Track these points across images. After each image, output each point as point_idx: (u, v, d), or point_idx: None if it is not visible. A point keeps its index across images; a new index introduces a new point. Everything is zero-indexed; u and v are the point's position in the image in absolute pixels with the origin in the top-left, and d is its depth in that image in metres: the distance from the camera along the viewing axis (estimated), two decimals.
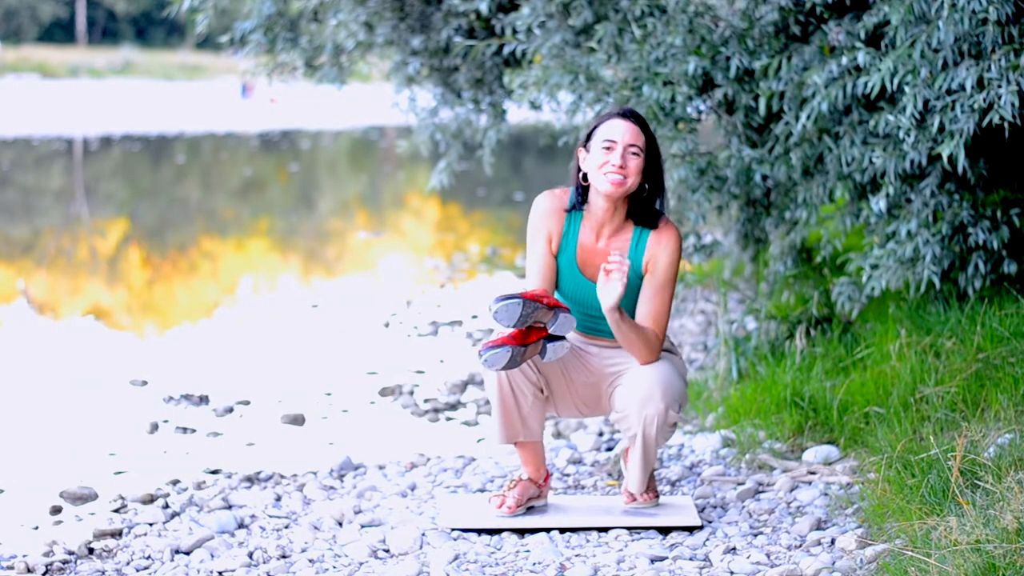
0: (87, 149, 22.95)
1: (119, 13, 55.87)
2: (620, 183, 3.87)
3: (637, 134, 3.89)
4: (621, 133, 3.88)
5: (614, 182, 3.86)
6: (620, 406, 3.95)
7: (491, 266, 10.55)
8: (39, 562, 3.83)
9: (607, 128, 3.90)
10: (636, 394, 3.89)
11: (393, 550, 3.86)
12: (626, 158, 3.87)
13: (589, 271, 3.98)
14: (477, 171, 9.91)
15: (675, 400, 3.90)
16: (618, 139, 3.87)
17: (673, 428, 3.95)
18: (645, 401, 3.87)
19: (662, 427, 3.90)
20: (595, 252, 3.98)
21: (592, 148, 3.92)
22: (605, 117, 3.95)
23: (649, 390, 3.87)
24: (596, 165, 3.89)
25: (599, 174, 3.89)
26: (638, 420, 3.89)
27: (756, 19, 5.11)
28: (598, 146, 3.90)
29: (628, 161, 3.87)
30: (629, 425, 3.92)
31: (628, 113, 3.92)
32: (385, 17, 6.97)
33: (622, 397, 3.94)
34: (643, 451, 3.94)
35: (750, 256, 6.25)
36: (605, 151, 3.88)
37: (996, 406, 4.13)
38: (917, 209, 4.83)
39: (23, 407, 5.97)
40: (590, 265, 3.98)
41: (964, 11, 4.31)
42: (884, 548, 3.52)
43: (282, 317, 8.33)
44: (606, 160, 3.87)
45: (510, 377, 3.92)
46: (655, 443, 3.93)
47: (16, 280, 9.87)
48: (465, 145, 7.28)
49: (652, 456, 3.97)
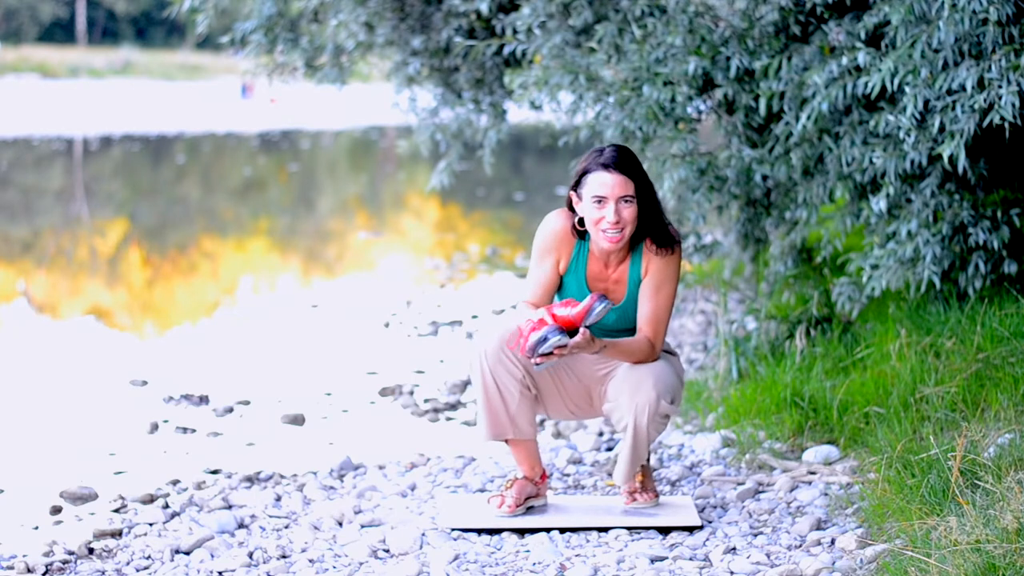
0: (87, 149, 22.95)
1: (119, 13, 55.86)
2: (618, 239, 3.89)
3: (625, 184, 3.86)
4: (610, 188, 3.86)
5: (612, 239, 3.89)
6: (612, 395, 3.96)
7: (491, 266, 10.55)
8: (39, 562, 3.83)
9: (595, 183, 3.87)
10: (628, 383, 3.90)
11: (393, 550, 3.86)
12: (620, 212, 3.87)
13: (599, 287, 4.01)
14: (477, 171, 9.92)
15: (667, 391, 3.90)
16: (607, 194, 3.86)
17: (665, 420, 3.94)
18: (636, 390, 3.88)
19: (653, 417, 3.89)
20: (604, 276, 4.02)
21: (584, 198, 3.91)
22: (590, 164, 3.90)
23: (641, 379, 3.88)
24: (592, 220, 3.90)
25: (596, 230, 3.90)
26: (629, 408, 3.89)
27: (756, 19, 5.11)
28: (589, 199, 3.89)
29: (622, 213, 3.87)
30: (621, 415, 3.92)
31: (612, 163, 3.87)
32: (385, 17, 6.97)
33: (614, 387, 3.95)
34: (633, 441, 3.93)
35: (750, 256, 6.25)
36: (597, 206, 3.88)
37: (996, 406, 4.13)
38: (917, 209, 4.83)
39: (23, 407, 5.97)
40: (599, 288, 4.01)
41: (964, 11, 4.32)
42: (884, 548, 3.52)
43: (282, 317, 8.33)
44: (601, 216, 3.87)
45: (494, 374, 3.93)
46: (646, 434, 3.91)
47: (16, 280, 9.87)
48: (465, 145, 7.28)
49: (642, 448, 3.95)
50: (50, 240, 12.44)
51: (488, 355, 3.94)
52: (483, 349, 3.95)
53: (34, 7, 52.75)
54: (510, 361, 3.94)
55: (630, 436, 3.93)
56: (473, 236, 12.90)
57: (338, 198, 17.23)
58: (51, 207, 15.17)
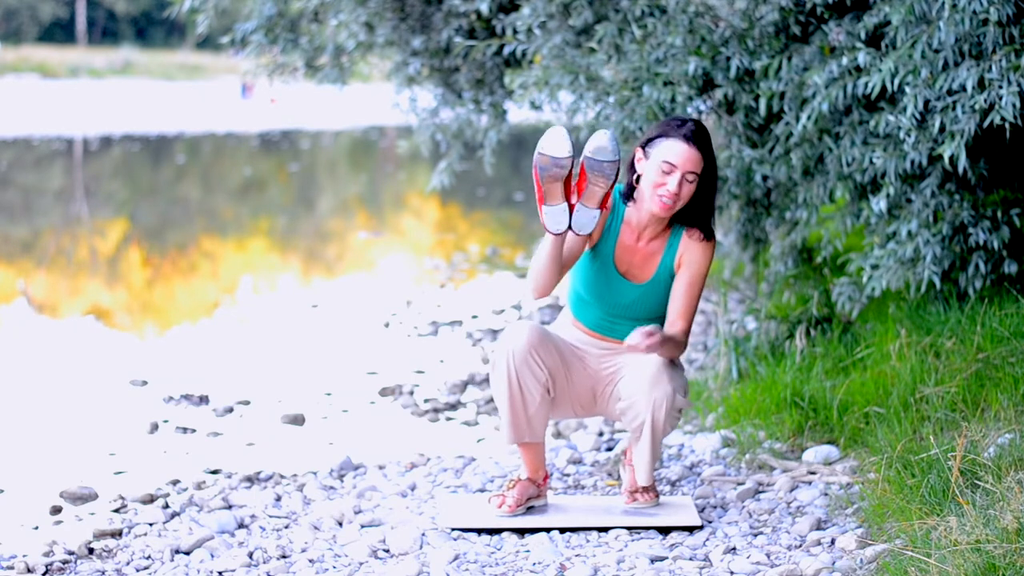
0: (87, 149, 22.94)
1: (119, 13, 55.86)
2: (670, 208, 3.91)
3: (698, 161, 3.89)
4: (683, 159, 3.88)
5: (664, 206, 3.90)
6: (627, 393, 3.95)
7: (491, 266, 10.55)
8: (39, 562, 3.83)
9: (670, 148, 3.89)
10: (644, 379, 3.90)
11: (393, 550, 3.86)
12: (682, 185, 3.89)
13: (623, 266, 4.01)
14: (477, 171, 9.91)
15: (681, 385, 3.95)
16: (678, 164, 3.88)
17: (679, 415, 3.97)
18: (653, 385, 3.88)
19: (670, 411, 3.90)
20: (633, 250, 4.01)
21: (651, 158, 3.92)
22: (671, 130, 3.92)
23: (656, 374, 3.89)
24: (652, 182, 3.91)
25: (653, 192, 3.91)
26: (647, 404, 3.89)
27: (756, 19, 5.11)
28: (656, 163, 3.90)
29: (683, 188, 3.90)
30: (637, 412, 3.91)
31: (692, 136, 3.90)
32: (386, 17, 6.97)
33: (628, 385, 3.95)
34: (651, 437, 3.93)
35: (750, 256, 6.25)
36: (664, 173, 3.89)
37: (996, 406, 4.13)
38: (917, 209, 4.83)
39: (23, 407, 5.97)
40: (625, 261, 4.01)
41: (965, 12, 4.32)
42: (884, 548, 3.52)
43: (282, 317, 8.33)
44: (663, 182, 3.89)
45: (519, 375, 3.93)
46: (663, 429, 3.92)
47: (16, 280, 9.87)
48: (465, 145, 7.28)
49: (659, 443, 3.97)
50: (50, 240, 12.44)
51: (516, 356, 3.92)
52: (511, 349, 3.93)
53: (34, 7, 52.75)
54: (537, 364, 3.94)
55: (648, 432, 3.92)
56: (473, 236, 12.90)
57: (338, 198, 17.23)
58: (51, 207, 15.17)
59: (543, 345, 3.95)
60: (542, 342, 3.95)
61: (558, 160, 3.76)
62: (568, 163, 3.77)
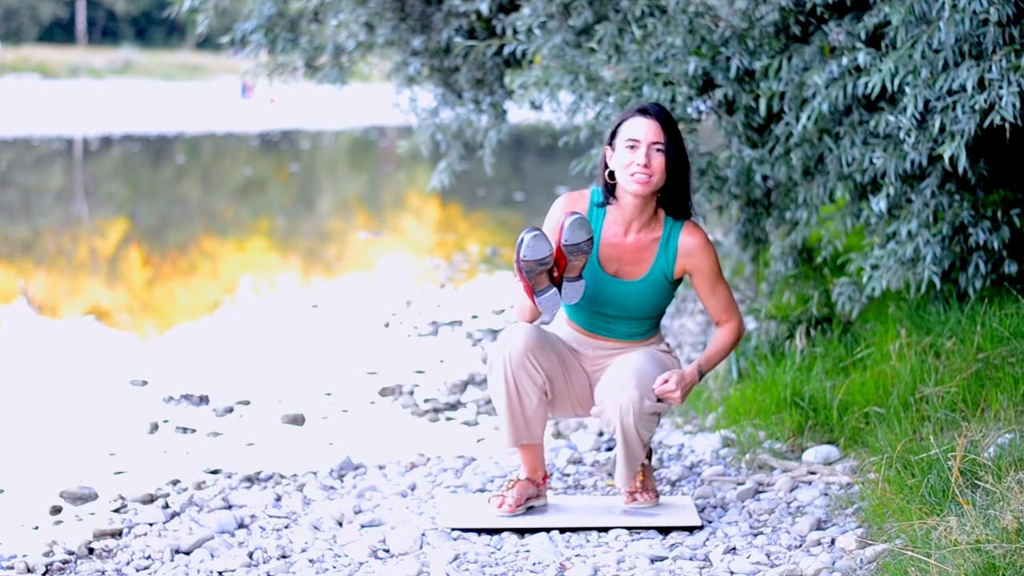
0: (87, 149, 22.95)
1: (119, 13, 55.86)
2: (646, 182, 3.91)
3: (659, 131, 3.91)
4: (644, 131, 3.91)
5: (640, 181, 3.91)
6: (598, 398, 3.96)
7: (491, 266, 10.56)
8: (39, 562, 3.83)
9: (630, 127, 3.94)
10: (611, 385, 3.90)
11: (393, 550, 3.86)
12: (650, 156, 3.90)
13: (612, 267, 4.00)
14: (477, 171, 9.91)
15: (650, 390, 3.90)
16: (641, 137, 3.91)
17: (655, 419, 3.93)
18: (619, 391, 3.87)
19: (640, 417, 3.87)
20: (621, 247, 4.00)
21: (617, 146, 3.96)
22: (628, 114, 3.97)
23: (623, 380, 3.88)
24: (622, 165, 3.93)
25: (625, 174, 3.93)
26: (614, 410, 3.88)
27: (756, 19, 5.11)
28: (622, 145, 3.93)
29: (652, 159, 3.91)
30: (608, 418, 3.92)
31: (649, 109, 3.94)
32: (386, 17, 6.97)
33: (599, 390, 3.96)
34: (624, 443, 3.91)
35: (750, 256, 6.25)
36: (629, 150, 3.92)
37: (996, 406, 4.13)
38: (917, 209, 4.83)
39: (24, 407, 5.97)
40: (613, 260, 4.00)
41: (965, 12, 4.32)
42: (884, 548, 3.52)
43: (282, 317, 8.33)
44: (631, 160, 3.91)
45: (516, 378, 3.92)
46: (636, 435, 3.89)
47: (16, 280, 9.87)
48: (465, 145, 7.28)
49: (635, 448, 3.93)
50: (50, 240, 12.44)
51: (512, 359, 3.92)
52: (507, 353, 3.93)
53: (34, 7, 52.75)
54: (533, 367, 3.94)
55: (620, 438, 3.92)
56: (473, 236, 12.90)
57: (338, 198, 17.23)
58: (51, 207, 15.17)
59: (540, 348, 3.95)
60: (539, 345, 3.95)
61: (542, 260, 3.86)
62: (551, 258, 3.87)
